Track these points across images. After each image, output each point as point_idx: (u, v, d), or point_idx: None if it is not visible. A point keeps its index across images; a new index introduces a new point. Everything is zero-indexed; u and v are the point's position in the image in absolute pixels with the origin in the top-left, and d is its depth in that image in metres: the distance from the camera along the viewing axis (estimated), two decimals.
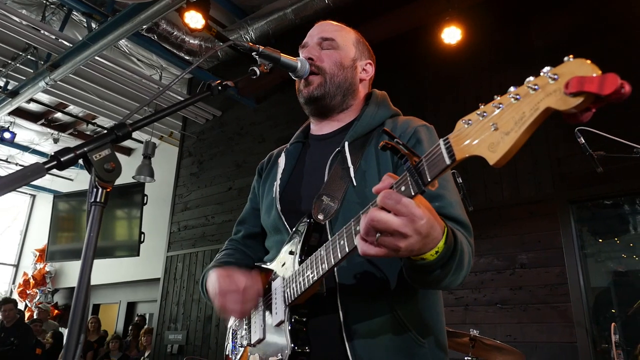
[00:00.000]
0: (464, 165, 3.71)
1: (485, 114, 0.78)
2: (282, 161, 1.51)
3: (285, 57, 1.33)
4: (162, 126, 8.21)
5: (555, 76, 0.69)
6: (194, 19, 4.67)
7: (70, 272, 10.74)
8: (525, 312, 4.15)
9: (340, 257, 1.03)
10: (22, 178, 0.76)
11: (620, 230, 4.46)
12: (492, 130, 0.76)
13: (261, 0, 5.91)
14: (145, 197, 7.18)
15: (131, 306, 9.69)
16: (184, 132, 7.79)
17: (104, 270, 9.09)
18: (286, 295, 1.21)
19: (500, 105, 0.76)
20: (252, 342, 1.33)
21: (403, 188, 0.89)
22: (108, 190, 0.87)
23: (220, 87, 1.12)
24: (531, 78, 0.72)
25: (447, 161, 0.82)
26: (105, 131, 0.91)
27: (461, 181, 3.22)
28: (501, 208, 4.44)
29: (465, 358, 3.02)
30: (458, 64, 5.06)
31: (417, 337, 1.19)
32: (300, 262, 1.20)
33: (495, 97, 0.78)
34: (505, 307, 4.25)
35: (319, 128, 1.54)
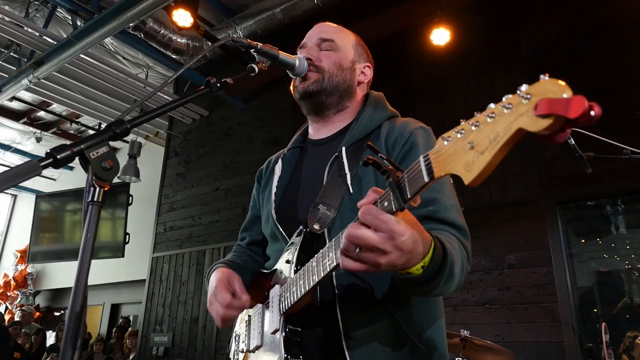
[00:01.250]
0: None
1: (463, 131, 0.76)
2: (278, 168, 1.49)
3: (283, 55, 1.31)
4: (148, 125, 8.10)
5: (528, 96, 0.68)
6: (182, 17, 4.62)
7: (53, 274, 10.55)
8: (513, 312, 4.18)
9: (329, 269, 1.02)
10: (17, 176, 0.73)
11: (602, 230, 4.52)
12: (468, 149, 0.74)
13: (250, 0, 5.87)
14: (131, 198, 7.07)
15: (115, 308, 9.55)
16: (171, 131, 7.70)
17: None
18: (281, 304, 1.20)
19: (477, 124, 0.74)
20: (251, 349, 1.32)
21: (386, 204, 0.88)
22: (106, 189, 0.83)
23: (219, 85, 1.10)
24: (508, 96, 0.71)
25: (426, 179, 0.80)
26: (102, 128, 0.87)
27: (451, 182, 3.22)
28: (489, 209, 4.47)
29: (456, 359, 3.02)
30: (446, 66, 5.08)
31: (416, 343, 1.18)
32: (296, 272, 1.19)
33: (475, 113, 0.76)
34: (493, 307, 4.27)
35: (316, 131, 1.52)
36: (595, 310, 4.42)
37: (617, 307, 4.53)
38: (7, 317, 9.56)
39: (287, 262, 1.25)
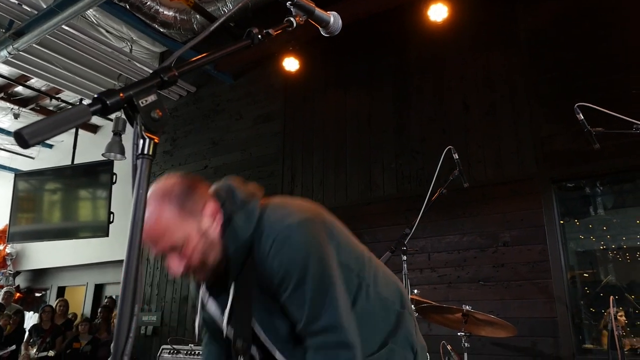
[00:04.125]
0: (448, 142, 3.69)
1: None
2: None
3: (319, 10, 1.23)
4: None
5: None
6: None
7: (33, 254, 10.30)
8: (507, 289, 4.22)
9: None
10: (67, 121, 0.64)
11: (581, 212, 4.58)
12: None
13: None
14: (114, 176, 6.90)
15: (99, 288, 9.40)
16: None
17: (69, 252, 8.76)
18: None
19: None
20: None
21: None
22: (156, 141, 0.76)
23: (260, 36, 1.02)
24: None
25: None
26: (149, 75, 0.79)
27: (457, 157, 3.19)
28: (484, 187, 4.47)
29: (459, 334, 3.03)
30: (442, 43, 5.02)
31: None
32: None
33: None
34: (487, 284, 4.30)
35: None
36: (576, 288, 4.51)
37: (600, 285, 4.64)
38: None
39: None
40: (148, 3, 5.70)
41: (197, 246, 1.25)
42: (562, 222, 4.33)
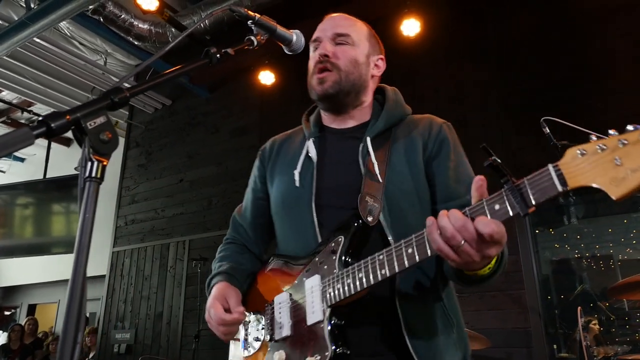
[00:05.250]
0: None
1: (605, 147, 0.79)
2: (312, 150, 1.42)
3: (281, 29, 1.24)
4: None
5: None
6: (147, 1, 4.42)
7: (2, 271, 10.01)
8: (482, 299, 4.25)
9: (407, 265, 1.03)
10: (7, 145, 0.63)
11: (554, 221, 4.67)
12: (615, 165, 0.77)
13: None
14: None
15: None
16: (131, 121, 7.41)
17: (40, 268, 8.54)
18: (328, 295, 1.17)
19: (625, 142, 0.77)
20: (277, 338, 1.27)
21: (497, 207, 0.91)
22: (104, 163, 0.75)
23: (219, 55, 1.02)
24: None
25: (559, 188, 0.83)
26: (99, 96, 0.78)
27: None
28: None
29: None
30: (416, 57, 5.10)
31: (459, 327, 1.27)
32: (345, 264, 1.17)
33: (612, 131, 0.80)
34: (462, 295, 4.33)
35: (333, 121, 1.49)
36: (549, 297, 4.58)
37: (573, 294, 4.72)
38: None
39: (332, 252, 1.21)
40: (122, 16, 5.65)
41: (356, 55, 1.42)
42: (537, 231, 4.40)
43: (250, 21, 1.16)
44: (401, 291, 1.20)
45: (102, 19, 5.51)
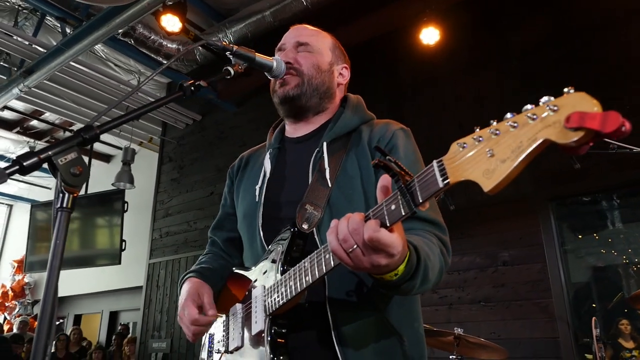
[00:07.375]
0: None
1: (481, 138, 0.77)
2: (267, 164, 1.47)
3: (260, 57, 1.31)
4: (141, 132, 8.10)
5: (555, 107, 0.68)
6: (171, 23, 4.62)
7: None
8: (508, 309, 4.18)
9: (325, 271, 1.03)
10: None
11: (598, 226, 4.53)
12: (488, 156, 0.74)
13: (239, 3, 5.87)
14: (126, 205, 7.05)
15: (114, 315, 9.51)
16: (164, 137, 7.70)
17: (85, 280, 8.91)
18: (267, 304, 1.20)
19: (497, 132, 0.74)
20: (230, 349, 1.31)
21: (393, 207, 0.89)
22: (75, 195, 0.83)
23: (193, 88, 1.10)
24: (529, 106, 0.72)
25: (440, 184, 0.81)
26: (71, 134, 0.87)
27: None
28: (481, 207, 4.46)
29: (450, 357, 3.02)
30: (436, 65, 5.09)
31: (401, 338, 1.21)
32: (283, 272, 1.19)
33: (492, 122, 0.77)
34: (488, 304, 4.27)
35: (294, 130, 1.52)
36: (594, 305, 4.42)
37: (612, 302, 4.55)
38: (5, 327, 9.52)
39: (273, 261, 1.24)
40: (152, 37, 5.92)
41: (317, 61, 1.45)
42: (580, 236, 4.29)
43: (228, 52, 1.23)
44: (332, 298, 1.19)
45: (132, 41, 5.79)
